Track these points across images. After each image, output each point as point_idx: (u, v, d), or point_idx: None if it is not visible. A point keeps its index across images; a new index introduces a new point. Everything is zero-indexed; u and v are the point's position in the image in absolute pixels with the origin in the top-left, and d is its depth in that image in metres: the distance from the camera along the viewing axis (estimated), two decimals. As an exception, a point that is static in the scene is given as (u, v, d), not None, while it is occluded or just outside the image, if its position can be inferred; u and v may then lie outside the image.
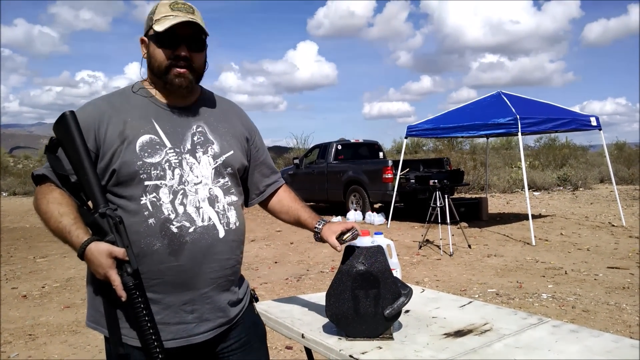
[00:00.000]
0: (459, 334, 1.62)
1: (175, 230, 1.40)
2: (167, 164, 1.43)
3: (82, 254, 1.30)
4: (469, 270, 6.19)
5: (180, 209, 1.42)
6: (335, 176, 11.91)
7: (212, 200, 1.47)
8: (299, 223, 1.74)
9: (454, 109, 10.05)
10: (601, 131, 9.47)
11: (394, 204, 10.12)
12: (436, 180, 7.67)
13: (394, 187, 10.10)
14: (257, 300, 1.70)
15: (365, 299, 1.58)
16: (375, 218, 10.58)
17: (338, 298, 1.60)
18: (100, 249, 1.28)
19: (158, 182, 1.41)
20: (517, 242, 7.97)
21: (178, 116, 1.50)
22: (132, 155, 1.40)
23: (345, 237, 1.60)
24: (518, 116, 8.13)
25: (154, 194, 1.40)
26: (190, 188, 1.44)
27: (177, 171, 1.44)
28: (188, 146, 1.47)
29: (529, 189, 9.81)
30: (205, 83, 1.62)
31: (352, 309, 1.58)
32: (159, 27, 1.41)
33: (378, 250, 1.60)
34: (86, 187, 1.35)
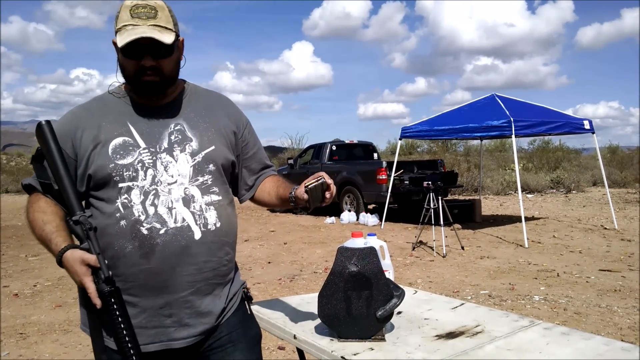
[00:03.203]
0: (451, 335, 1.62)
1: (145, 232, 1.36)
2: (140, 164, 1.40)
3: (59, 261, 1.30)
4: (462, 272, 6.21)
5: (151, 210, 1.38)
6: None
7: (187, 201, 1.42)
8: (280, 199, 1.64)
9: (448, 111, 10.08)
10: (594, 134, 9.52)
11: (388, 205, 10.13)
12: (430, 182, 7.69)
13: (388, 188, 10.11)
14: (250, 299, 1.63)
15: (357, 300, 1.58)
16: (369, 219, 10.59)
17: (330, 299, 1.60)
18: (75, 257, 1.28)
19: (130, 184, 1.39)
20: (510, 244, 8.00)
21: (155, 115, 1.47)
22: (104, 158, 1.39)
23: (309, 183, 1.48)
24: (512, 119, 8.17)
25: (126, 196, 1.38)
26: (163, 188, 1.40)
27: (150, 172, 1.40)
28: (164, 145, 1.44)
29: (522, 192, 9.85)
30: (200, 82, 1.60)
31: (344, 310, 1.58)
32: (119, 41, 1.35)
33: (371, 252, 1.59)
34: (63, 194, 1.35)
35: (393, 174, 10.10)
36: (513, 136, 8.33)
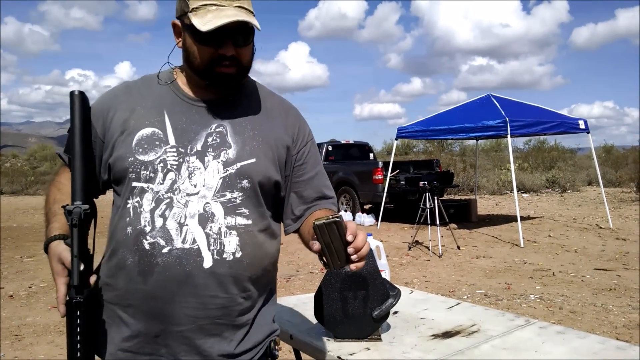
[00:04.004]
0: (447, 335, 1.63)
1: (147, 246, 1.15)
2: (162, 164, 1.19)
3: (46, 250, 1.17)
4: (458, 272, 6.22)
5: (159, 222, 1.16)
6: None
7: (205, 219, 1.17)
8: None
9: (444, 111, 10.11)
10: (589, 134, 9.56)
11: (384, 205, 10.15)
12: (426, 182, 7.70)
13: (384, 188, 10.12)
14: (274, 358, 1.31)
15: (353, 300, 1.58)
16: (365, 219, 10.60)
17: (327, 299, 1.60)
18: (55, 252, 1.12)
19: (145, 185, 1.18)
20: (506, 243, 8.02)
21: (199, 111, 1.25)
22: (126, 149, 1.20)
23: (316, 219, 1.06)
24: (507, 119, 8.20)
25: (138, 199, 1.18)
26: (180, 199, 1.17)
27: (170, 175, 1.18)
28: (198, 147, 1.21)
29: (517, 191, 9.89)
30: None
31: (340, 310, 1.58)
32: (200, 24, 1.13)
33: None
34: (72, 175, 1.17)
35: (389, 174, 10.11)
36: (509, 136, 8.35)
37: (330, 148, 12.54)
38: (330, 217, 1.01)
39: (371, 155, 13.31)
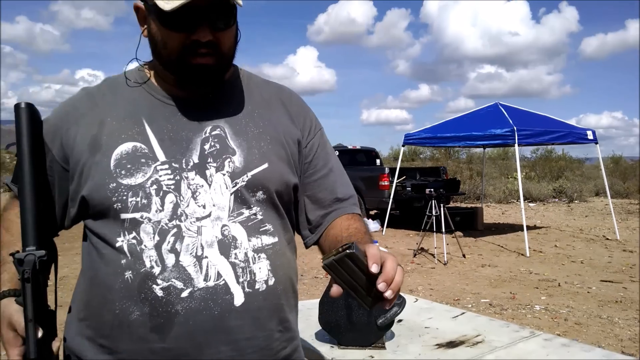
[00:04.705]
0: (451, 345, 1.63)
1: (159, 293, 0.92)
2: (155, 187, 0.94)
3: None
4: (463, 280, 6.20)
5: (170, 259, 0.93)
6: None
7: (227, 246, 0.95)
8: None
9: (452, 119, 10.10)
10: (597, 145, 9.52)
11: (390, 211, 10.13)
12: (432, 189, 7.69)
13: (390, 194, 10.11)
14: None
15: (358, 308, 1.58)
16: (371, 225, 10.58)
17: (331, 306, 1.60)
18: (5, 314, 0.91)
19: (138, 215, 0.94)
20: (512, 252, 7.99)
21: (185, 113, 1.01)
22: (104, 173, 0.95)
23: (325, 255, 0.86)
24: (515, 128, 8.18)
25: (134, 234, 0.94)
26: (190, 225, 0.95)
27: (169, 198, 0.95)
28: (195, 159, 0.98)
29: (524, 200, 9.84)
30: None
31: (345, 317, 1.59)
32: (163, 3, 0.90)
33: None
34: (21, 211, 0.91)
35: (395, 181, 10.10)
36: (516, 145, 8.33)
37: (337, 153, 12.53)
38: (340, 249, 0.79)
39: (378, 161, 13.30)
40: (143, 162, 0.96)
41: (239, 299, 0.95)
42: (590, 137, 9.26)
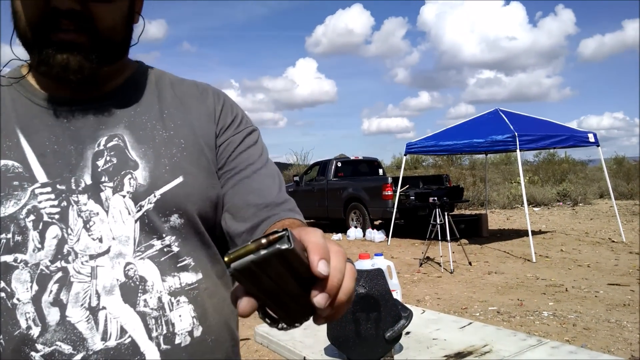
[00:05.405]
0: (459, 355, 1.64)
1: None
2: (32, 217, 0.72)
3: None
4: (470, 288, 6.19)
5: (53, 315, 0.70)
6: (335, 193, 11.95)
7: (132, 290, 0.74)
8: None
9: (453, 126, 10.13)
10: (599, 147, 9.53)
11: (394, 220, 10.14)
12: (436, 198, 7.70)
13: (394, 204, 10.12)
14: None
15: (366, 321, 1.60)
16: (376, 235, 10.59)
17: (339, 321, 1.62)
18: None
19: (9, 258, 0.71)
20: (518, 258, 7.97)
21: (74, 119, 0.78)
22: None
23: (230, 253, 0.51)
24: (516, 133, 8.20)
25: (3, 284, 0.71)
26: (80, 267, 0.72)
27: (52, 231, 0.73)
28: (87, 179, 0.75)
29: (528, 205, 9.84)
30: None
31: (353, 331, 1.60)
32: None
33: (378, 273, 1.62)
34: None
35: (399, 190, 10.12)
36: (518, 151, 8.35)
37: (339, 164, 12.59)
38: (264, 240, 0.47)
39: (380, 171, 13.34)
40: (16, 186, 0.73)
41: (153, 357, 0.73)
42: (592, 139, 9.27)
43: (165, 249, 0.77)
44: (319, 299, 0.49)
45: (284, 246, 0.46)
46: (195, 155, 0.81)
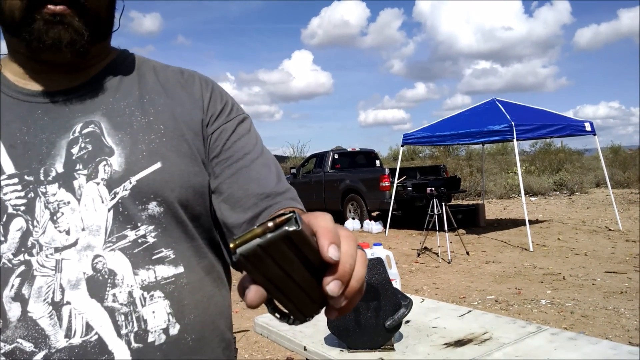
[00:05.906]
0: (459, 343, 1.64)
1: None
2: None
3: None
4: (468, 278, 6.21)
5: (14, 311, 0.67)
6: (332, 185, 11.95)
7: (100, 284, 0.69)
8: None
9: (449, 117, 10.13)
10: (596, 136, 9.54)
11: (392, 212, 10.15)
12: (433, 188, 7.71)
13: (391, 195, 10.13)
14: None
15: (366, 310, 1.60)
16: (373, 226, 10.60)
17: (339, 310, 1.62)
18: None
19: None
20: (515, 248, 8.00)
21: (48, 109, 0.76)
22: None
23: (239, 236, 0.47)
24: (513, 123, 8.20)
25: None
26: (45, 260, 0.69)
27: (16, 223, 0.70)
28: (58, 168, 0.73)
29: (525, 194, 9.85)
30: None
31: (353, 320, 1.60)
32: None
33: (378, 262, 1.62)
34: None
35: (396, 181, 10.12)
36: (515, 141, 8.35)
37: (336, 156, 12.58)
38: (271, 223, 0.44)
39: (377, 162, 13.33)
40: None
41: (122, 356, 0.68)
42: (588, 128, 9.28)
43: (139, 240, 0.72)
44: (332, 286, 0.45)
45: (292, 228, 0.44)
46: (175, 141, 0.78)
